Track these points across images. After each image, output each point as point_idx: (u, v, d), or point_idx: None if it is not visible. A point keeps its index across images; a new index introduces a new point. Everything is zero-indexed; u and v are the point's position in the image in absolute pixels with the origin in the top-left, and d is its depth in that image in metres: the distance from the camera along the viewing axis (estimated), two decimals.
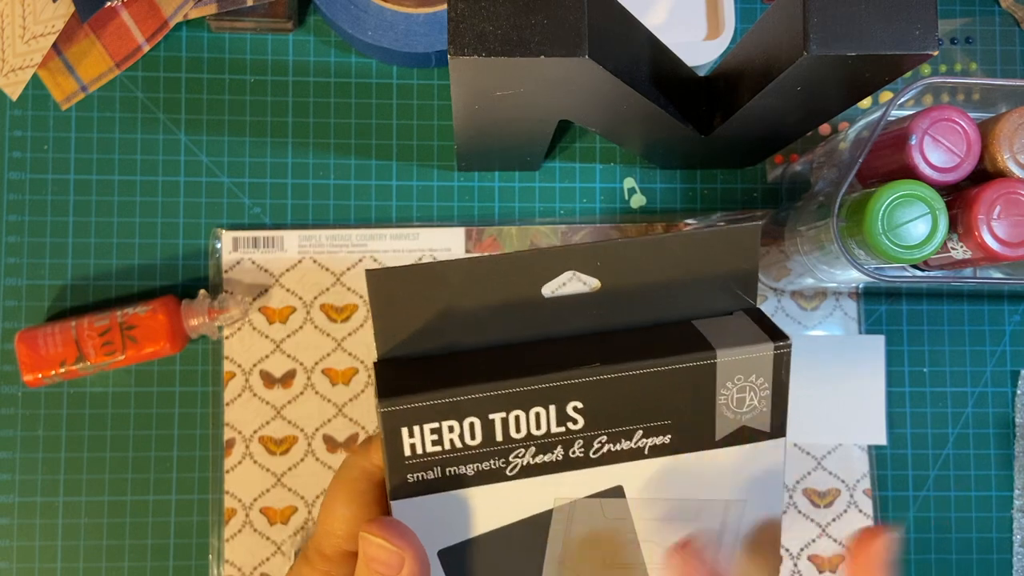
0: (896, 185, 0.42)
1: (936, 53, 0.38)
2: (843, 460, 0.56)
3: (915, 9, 0.37)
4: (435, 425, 0.29)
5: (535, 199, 0.57)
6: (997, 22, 0.60)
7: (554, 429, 0.30)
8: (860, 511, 0.56)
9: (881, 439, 0.56)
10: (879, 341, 0.57)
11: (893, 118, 0.46)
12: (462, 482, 0.30)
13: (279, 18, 0.55)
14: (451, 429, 0.29)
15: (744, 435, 0.31)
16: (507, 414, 0.29)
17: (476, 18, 0.36)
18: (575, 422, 0.30)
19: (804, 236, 0.49)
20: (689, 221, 0.57)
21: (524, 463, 0.30)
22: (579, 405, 0.29)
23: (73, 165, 0.56)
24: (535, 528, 0.31)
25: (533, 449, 0.30)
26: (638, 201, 0.58)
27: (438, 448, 0.29)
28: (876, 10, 0.37)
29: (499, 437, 0.29)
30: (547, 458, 0.30)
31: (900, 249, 0.42)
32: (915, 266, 0.47)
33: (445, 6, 0.53)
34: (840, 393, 0.56)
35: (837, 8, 0.37)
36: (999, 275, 0.48)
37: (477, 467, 0.30)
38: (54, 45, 0.53)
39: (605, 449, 0.30)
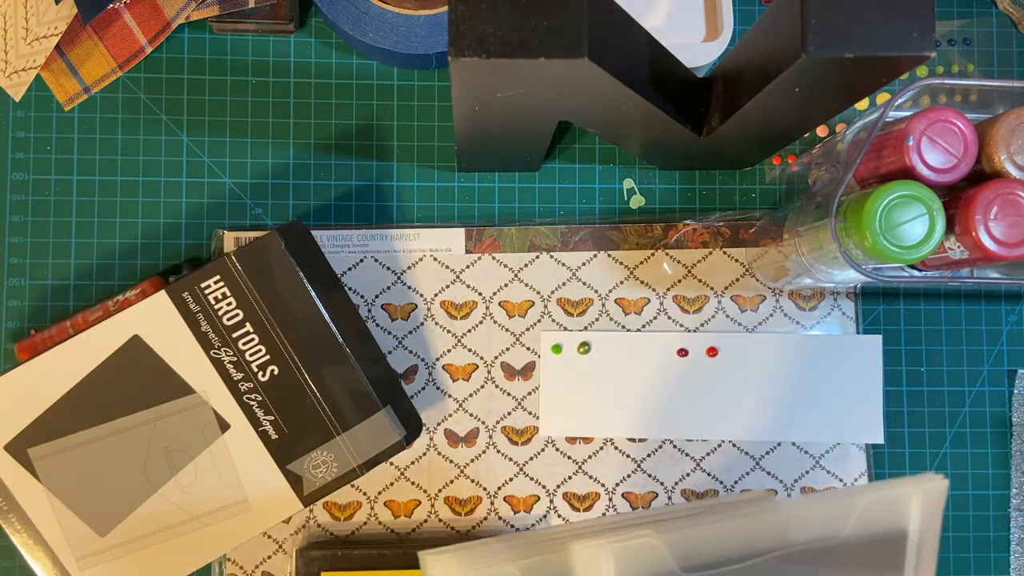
0: (894, 186, 0.43)
1: (934, 55, 0.38)
2: (841, 459, 0.57)
3: (913, 11, 0.37)
4: None
5: (535, 200, 0.58)
6: (994, 23, 0.60)
7: None
8: None
9: (879, 438, 0.57)
10: (876, 341, 0.57)
11: (891, 119, 0.46)
12: None
13: (281, 20, 0.55)
14: None
15: None
16: None
17: (476, 20, 0.36)
18: None
19: (802, 236, 0.49)
20: (688, 221, 0.57)
21: None
22: None
23: (76, 166, 0.56)
24: None
25: None
26: (637, 202, 0.58)
27: None
28: (874, 12, 0.37)
29: None
30: None
31: (898, 249, 0.43)
32: (912, 266, 0.48)
33: (446, 8, 0.54)
34: (838, 392, 0.57)
35: (835, 10, 0.37)
36: (996, 275, 0.49)
37: None
38: (57, 46, 0.53)
39: None
